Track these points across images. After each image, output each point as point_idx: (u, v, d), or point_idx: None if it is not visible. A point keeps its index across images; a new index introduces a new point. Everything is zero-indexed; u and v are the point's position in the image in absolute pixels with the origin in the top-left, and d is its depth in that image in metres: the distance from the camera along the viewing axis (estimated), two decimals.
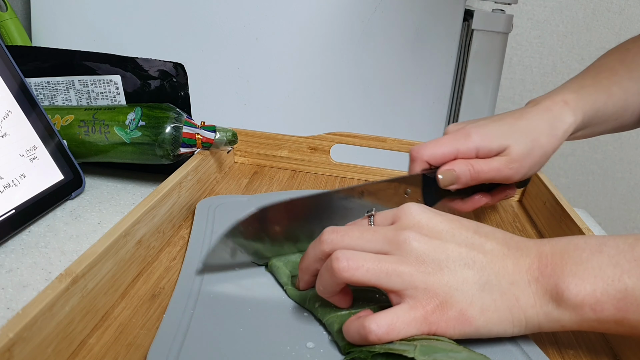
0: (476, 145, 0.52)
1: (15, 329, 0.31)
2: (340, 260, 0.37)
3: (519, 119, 0.54)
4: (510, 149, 0.52)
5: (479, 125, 0.54)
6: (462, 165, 0.52)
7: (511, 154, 0.53)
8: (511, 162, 0.53)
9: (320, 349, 0.38)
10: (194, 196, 0.60)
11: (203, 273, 0.45)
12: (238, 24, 0.86)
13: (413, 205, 0.40)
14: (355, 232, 0.39)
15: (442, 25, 0.83)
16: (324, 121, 0.88)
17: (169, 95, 0.64)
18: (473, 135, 0.53)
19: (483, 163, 0.52)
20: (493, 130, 0.53)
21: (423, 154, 0.53)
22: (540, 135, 0.53)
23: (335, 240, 0.39)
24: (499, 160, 0.53)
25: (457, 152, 0.53)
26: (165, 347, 0.36)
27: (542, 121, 0.54)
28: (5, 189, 0.52)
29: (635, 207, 1.80)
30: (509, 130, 0.53)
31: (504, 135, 0.53)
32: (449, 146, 0.53)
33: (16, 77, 0.58)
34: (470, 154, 0.53)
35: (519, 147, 0.53)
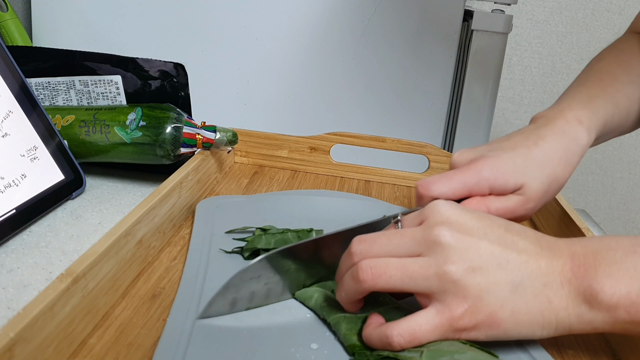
0: (490, 184, 0.48)
1: (16, 328, 0.31)
2: (364, 270, 0.36)
3: (533, 148, 0.50)
4: (525, 187, 0.49)
5: (491, 158, 0.49)
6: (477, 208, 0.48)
7: (527, 194, 0.49)
8: (527, 203, 0.49)
9: (324, 350, 0.38)
10: (195, 196, 0.60)
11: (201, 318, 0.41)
12: (238, 24, 0.86)
13: (441, 202, 0.39)
14: (383, 238, 0.38)
15: (442, 25, 0.83)
16: (324, 121, 0.88)
17: (170, 96, 0.64)
18: (485, 171, 0.48)
19: (499, 204, 0.49)
20: (507, 165, 0.49)
21: (432, 191, 0.49)
22: (556, 167, 0.50)
23: (364, 250, 0.38)
24: (515, 200, 0.49)
25: (470, 191, 0.49)
26: (169, 350, 0.36)
27: (558, 149, 0.50)
28: (6, 188, 0.52)
29: (634, 207, 1.80)
30: (524, 164, 0.49)
31: (519, 171, 0.49)
32: (461, 184, 0.48)
33: (17, 77, 0.58)
34: (483, 192, 0.49)
35: (535, 186, 0.49)
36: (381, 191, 0.71)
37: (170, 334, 0.38)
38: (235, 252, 0.50)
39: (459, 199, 0.49)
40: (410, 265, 0.36)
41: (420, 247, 0.37)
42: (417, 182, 0.50)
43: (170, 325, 0.39)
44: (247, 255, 0.50)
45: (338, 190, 0.70)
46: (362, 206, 0.62)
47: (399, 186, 0.73)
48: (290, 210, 0.59)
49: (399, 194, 0.71)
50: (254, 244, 0.49)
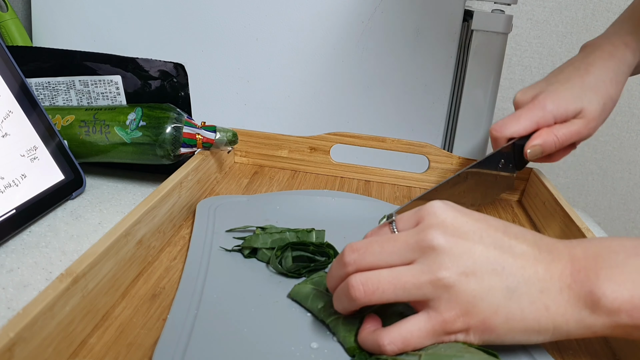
0: (554, 115, 0.55)
1: (16, 328, 0.31)
2: (355, 287, 0.36)
3: (586, 75, 0.56)
4: (585, 110, 0.55)
5: (551, 92, 0.56)
6: (547, 137, 0.55)
7: (587, 115, 0.55)
8: (589, 123, 0.55)
9: (324, 349, 0.38)
10: (195, 196, 0.60)
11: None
12: (238, 24, 0.86)
13: (436, 203, 0.38)
14: (375, 246, 0.37)
15: (442, 25, 0.83)
16: (324, 121, 0.88)
17: (170, 96, 0.64)
18: (548, 104, 0.55)
19: (565, 129, 0.55)
20: (566, 96, 0.55)
21: (505, 132, 0.55)
22: (609, 88, 0.56)
23: (357, 260, 0.37)
24: (578, 123, 0.55)
25: (537, 124, 0.55)
26: (170, 348, 0.36)
27: (608, 71, 0.56)
28: (6, 189, 0.52)
29: (634, 207, 1.80)
30: (580, 91, 0.55)
31: (578, 97, 0.55)
32: (529, 120, 0.55)
33: (17, 78, 0.58)
34: (549, 123, 0.55)
35: (593, 107, 0.55)
36: (381, 191, 0.71)
37: (171, 333, 0.38)
38: (235, 250, 0.50)
39: (529, 133, 0.56)
40: (402, 276, 0.36)
41: (414, 253, 0.36)
42: (491, 127, 0.57)
43: (170, 324, 0.39)
44: (247, 254, 0.50)
45: (338, 190, 0.70)
46: (362, 206, 0.62)
47: (399, 186, 0.73)
48: (290, 210, 0.59)
49: (399, 194, 0.70)
50: (252, 242, 0.50)
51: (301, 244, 0.49)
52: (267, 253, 0.49)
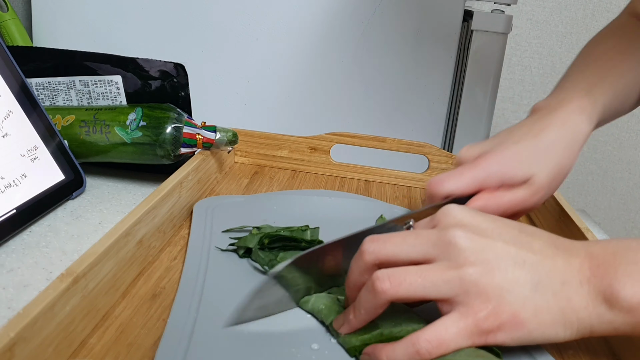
0: (499, 178, 0.49)
1: (16, 328, 0.31)
2: (382, 280, 0.35)
3: (537, 139, 0.51)
4: (534, 178, 0.49)
5: (499, 152, 0.50)
6: (488, 202, 0.49)
7: (535, 184, 0.50)
8: (536, 193, 0.50)
9: (325, 351, 0.38)
10: (195, 196, 0.60)
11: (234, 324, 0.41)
12: (238, 24, 0.86)
13: (452, 206, 0.38)
14: (397, 238, 0.37)
15: (442, 25, 0.83)
16: (324, 121, 0.88)
17: (170, 96, 0.64)
18: (494, 165, 0.49)
19: (509, 196, 0.49)
20: (514, 158, 0.50)
21: (442, 189, 0.50)
22: (561, 157, 0.51)
23: (377, 248, 0.37)
24: (524, 192, 0.50)
25: (480, 185, 0.50)
26: (170, 351, 0.36)
27: (562, 139, 0.51)
28: (6, 188, 0.52)
29: (634, 207, 1.80)
30: (530, 155, 0.50)
31: (526, 162, 0.50)
32: (471, 179, 0.49)
33: (17, 78, 0.58)
34: (493, 186, 0.50)
35: (543, 176, 0.50)
36: (381, 191, 0.71)
37: (171, 336, 0.38)
38: (229, 250, 0.50)
39: (469, 194, 0.50)
40: (429, 271, 0.35)
41: (436, 249, 0.36)
42: (428, 182, 0.51)
43: (170, 326, 0.39)
44: (241, 253, 0.50)
45: (338, 190, 0.70)
46: (362, 206, 0.62)
47: (399, 186, 0.73)
48: (289, 210, 0.59)
49: (399, 194, 0.71)
50: (246, 242, 0.49)
51: (293, 239, 0.49)
52: (260, 254, 0.48)
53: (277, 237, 0.48)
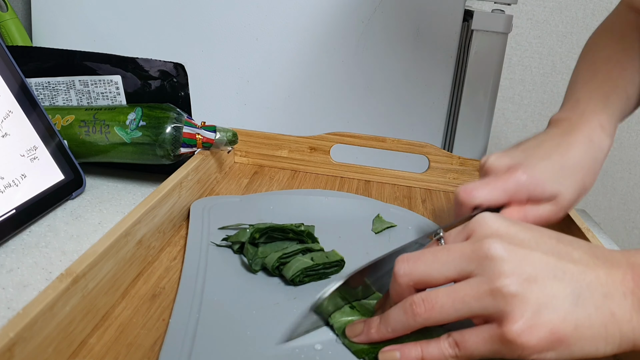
0: (529, 192, 0.50)
1: (16, 328, 0.31)
2: (417, 304, 0.34)
3: (565, 157, 0.52)
4: (561, 196, 0.51)
5: (530, 166, 0.51)
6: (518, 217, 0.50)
7: (561, 203, 0.51)
8: (560, 211, 0.51)
9: (328, 351, 0.39)
10: (195, 196, 0.60)
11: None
12: (238, 24, 0.86)
13: (487, 215, 0.37)
14: (428, 255, 0.36)
15: (442, 25, 0.83)
16: (324, 121, 0.88)
17: (170, 96, 0.64)
18: (526, 179, 0.50)
19: (535, 212, 0.50)
20: (544, 174, 0.51)
21: (474, 199, 0.50)
22: (585, 176, 0.52)
23: (409, 270, 0.36)
24: (549, 209, 0.51)
25: (510, 198, 0.50)
26: (174, 353, 0.36)
27: (587, 157, 0.52)
28: (6, 188, 0.52)
29: (634, 207, 1.80)
30: (559, 173, 0.51)
31: (555, 180, 0.51)
32: (502, 191, 0.50)
33: (17, 78, 0.58)
34: (521, 199, 0.51)
35: (569, 195, 0.51)
36: (381, 191, 0.71)
37: (174, 338, 0.38)
38: (223, 246, 0.51)
39: (499, 205, 0.50)
40: (460, 289, 0.34)
41: (471, 263, 0.34)
42: (457, 189, 0.51)
43: (172, 328, 0.39)
44: (236, 249, 0.50)
45: (338, 190, 0.70)
46: (355, 205, 0.62)
47: (399, 186, 0.73)
48: (284, 209, 0.59)
49: (399, 194, 0.70)
50: (239, 237, 0.50)
51: (280, 230, 0.49)
52: (250, 249, 0.49)
53: (266, 230, 0.49)
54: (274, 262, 0.46)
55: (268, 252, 0.48)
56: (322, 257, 0.47)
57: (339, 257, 0.47)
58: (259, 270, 0.48)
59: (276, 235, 0.49)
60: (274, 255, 0.46)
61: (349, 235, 0.55)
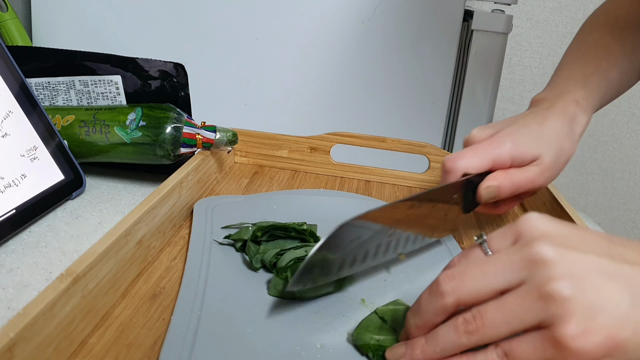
0: (512, 155, 0.52)
1: (16, 328, 0.31)
2: (470, 322, 0.33)
3: (542, 125, 0.54)
4: (542, 158, 0.53)
5: (510, 132, 0.54)
6: (504, 180, 0.52)
7: (543, 163, 0.53)
8: (544, 172, 0.53)
9: (330, 349, 0.39)
10: (195, 196, 0.60)
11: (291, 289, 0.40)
12: (238, 24, 0.86)
13: (533, 216, 0.35)
14: (475, 270, 0.34)
15: (442, 25, 0.83)
16: (324, 121, 0.88)
17: (170, 96, 0.64)
18: (507, 143, 0.52)
19: (520, 175, 0.52)
20: (525, 138, 0.53)
21: (459, 165, 0.52)
22: (564, 141, 0.54)
23: (456, 288, 0.34)
24: (534, 170, 0.53)
25: (494, 162, 0.52)
26: (175, 351, 0.36)
27: (563, 126, 0.55)
28: (6, 189, 0.52)
29: (634, 207, 1.80)
30: (538, 137, 0.53)
31: (535, 143, 0.53)
32: (486, 156, 0.52)
33: (17, 78, 0.58)
34: (505, 164, 0.53)
35: (549, 156, 0.53)
36: (381, 191, 0.71)
37: (175, 336, 0.38)
38: (225, 244, 0.51)
39: (484, 171, 0.52)
40: (510, 301, 0.32)
41: (521, 271, 0.32)
42: (444, 159, 0.53)
43: (174, 326, 0.39)
44: (238, 247, 0.50)
45: (338, 190, 0.70)
46: (362, 206, 0.62)
47: (399, 186, 0.73)
48: (289, 209, 0.59)
49: (399, 194, 0.70)
50: (241, 235, 0.50)
51: (282, 228, 0.49)
52: (252, 247, 0.49)
53: (268, 228, 0.49)
54: (272, 257, 0.46)
55: (269, 250, 0.48)
56: None
57: None
58: (260, 268, 0.48)
59: (278, 234, 0.49)
60: (272, 252, 0.47)
61: None
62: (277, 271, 0.45)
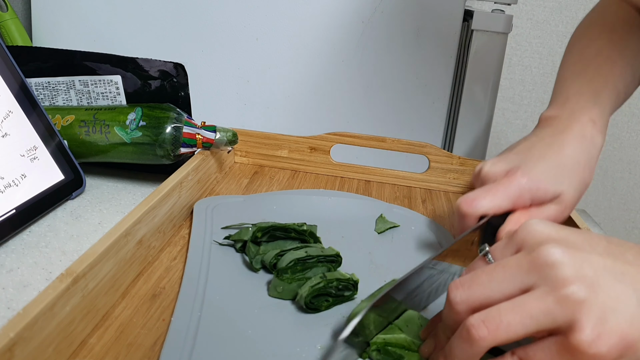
0: (532, 195, 0.49)
1: (16, 328, 0.31)
2: (477, 327, 0.32)
3: (561, 155, 0.51)
4: (563, 195, 0.50)
5: (528, 169, 0.50)
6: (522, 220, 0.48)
7: (565, 201, 0.50)
8: (565, 210, 0.50)
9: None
10: (195, 196, 0.60)
11: None
12: (238, 24, 0.86)
13: (533, 222, 0.35)
14: (483, 276, 0.34)
15: (442, 25, 0.83)
16: (324, 121, 0.88)
17: (170, 96, 0.64)
18: (527, 182, 0.49)
19: (542, 214, 0.49)
20: (544, 175, 0.50)
21: (477, 209, 0.48)
22: (584, 172, 0.51)
23: (466, 296, 0.33)
24: (554, 209, 0.50)
25: (514, 204, 0.49)
26: (175, 351, 0.36)
27: (582, 154, 0.52)
28: (6, 188, 0.52)
29: (634, 207, 1.80)
30: (558, 172, 0.50)
31: (556, 180, 0.50)
32: (504, 198, 0.49)
33: (17, 78, 0.58)
34: (525, 203, 0.50)
35: (572, 192, 0.50)
36: (381, 191, 0.71)
37: (175, 336, 0.38)
38: (225, 244, 0.51)
39: (504, 212, 0.49)
40: (526, 303, 0.32)
41: (531, 275, 0.32)
42: (459, 200, 0.50)
43: (174, 327, 0.39)
44: (238, 247, 0.51)
45: (338, 190, 0.70)
46: (359, 205, 0.62)
47: (399, 186, 0.73)
48: (289, 209, 0.59)
49: (399, 194, 0.70)
50: (241, 235, 0.50)
51: (282, 229, 0.49)
52: (252, 247, 0.49)
53: (268, 229, 0.49)
54: (272, 258, 0.46)
55: (269, 251, 0.48)
56: (316, 251, 0.47)
57: (334, 251, 0.47)
58: (260, 269, 0.48)
59: (278, 235, 0.49)
60: (272, 253, 0.47)
61: (352, 235, 0.56)
62: (277, 272, 0.45)
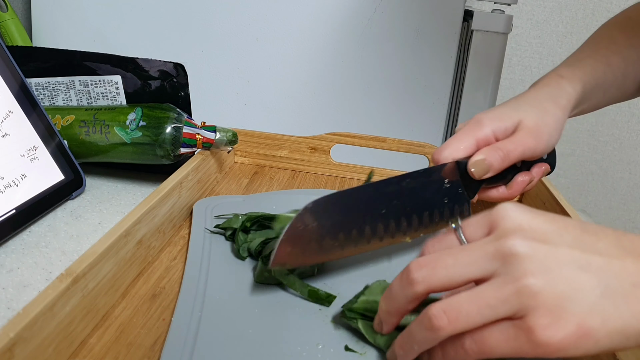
0: (492, 129, 0.51)
1: (16, 328, 0.31)
2: (438, 317, 0.33)
3: (520, 96, 0.55)
4: (523, 121, 0.52)
5: (487, 111, 0.53)
6: (490, 151, 0.50)
7: (526, 125, 0.51)
8: (529, 133, 0.51)
9: (330, 349, 0.39)
10: (195, 196, 0.60)
11: None
12: (238, 24, 0.86)
13: (509, 207, 0.35)
14: (448, 259, 0.34)
15: (442, 25, 0.83)
16: (324, 121, 0.88)
17: (170, 96, 0.64)
18: (484, 120, 0.52)
19: (508, 142, 0.51)
20: (502, 110, 0.53)
21: (445, 155, 0.51)
22: (545, 103, 0.53)
23: (427, 276, 0.34)
24: (519, 133, 0.51)
25: (477, 141, 0.51)
26: (176, 351, 0.36)
27: (543, 94, 0.54)
28: (6, 189, 0.52)
29: (634, 207, 1.80)
30: (515, 106, 0.53)
31: (513, 111, 0.52)
32: (467, 138, 0.51)
33: (17, 78, 0.58)
34: (489, 140, 0.52)
35: (531, 117, 0.52)
36: None
37: (176, 336, 0.38)
38: (215, 232, 0.52)
39: (471, 154, 0.51)
40: (485, 293, 0.32)
41: (494, 262, 0.33)
42: (432, 153, 0.52)
43: (175, 327, 0.39)
44: (228, 235, 0.51)
45: (338, 190, 0.69)
46: None
47: None
48: (287, 209, 0.59)
49: None
50: (231, 223, 0.51)
51: (272, 218, 0.50)
52: (240, 236, 0.49)
53: (258, 218, 0.49)
54: (257, 246, 0.47)
55: (256, 239, 0.48)
56: None
57: None
58: (246, 257, 0.48)
59: (268, 224, 0.50)
60: (258, 240, 0.47)
61: None
62: (262, 259, 0.45)
